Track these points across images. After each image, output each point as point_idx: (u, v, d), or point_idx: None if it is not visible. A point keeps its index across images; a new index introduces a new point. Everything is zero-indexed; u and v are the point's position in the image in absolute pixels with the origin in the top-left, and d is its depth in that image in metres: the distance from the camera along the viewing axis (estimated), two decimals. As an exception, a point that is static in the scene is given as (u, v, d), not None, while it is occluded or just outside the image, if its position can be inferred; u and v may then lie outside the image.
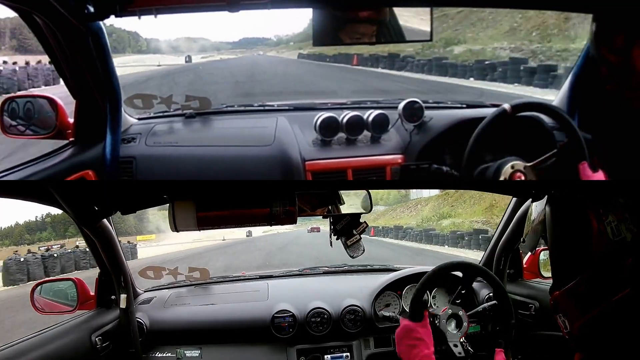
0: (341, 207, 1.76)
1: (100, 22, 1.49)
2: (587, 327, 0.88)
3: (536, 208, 1.08)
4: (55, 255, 19.39)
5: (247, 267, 14.21)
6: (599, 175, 1.65)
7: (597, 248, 0.85)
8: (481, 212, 25.39)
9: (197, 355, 1.97)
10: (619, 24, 1.04)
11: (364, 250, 1.74)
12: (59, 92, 1.90)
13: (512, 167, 1.68)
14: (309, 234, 34.37)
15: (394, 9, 1.49)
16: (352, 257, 1.75)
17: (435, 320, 1.82)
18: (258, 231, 39.18)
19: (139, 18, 1.33)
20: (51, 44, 1.49)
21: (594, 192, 0.88)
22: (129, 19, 1.36)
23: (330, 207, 1.73)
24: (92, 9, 1.39)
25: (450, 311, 1.82)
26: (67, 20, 1.38)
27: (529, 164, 1.69)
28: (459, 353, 1.75)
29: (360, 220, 1.73)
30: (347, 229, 1.73)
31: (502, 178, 1.68)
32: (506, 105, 1.71)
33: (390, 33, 1.51)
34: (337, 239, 1.74)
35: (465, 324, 1.82)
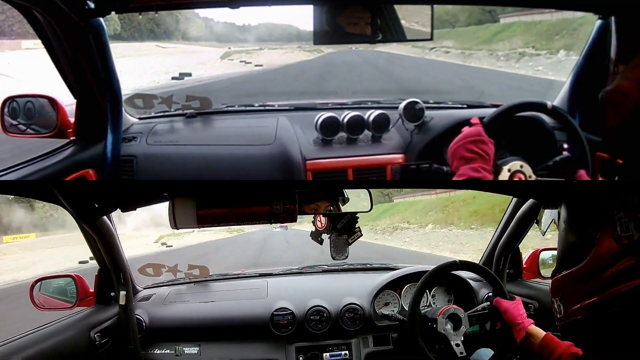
0: (341, 206, 1.77)
1: (101, 19, 1.49)
2: (584, 313, 0.90)
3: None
4: None
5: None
6: (600, 176, 1.66)
7: (603, 238, 0.88)
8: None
9: (196, 352, 1.97)
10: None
11: (347, 256, 1.78)
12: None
13: (513, 167, 1.68)
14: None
15: (395, 7, 1.49)
16: (334, 258, 1.78)
17: (434, 324, 1.82)
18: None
19: (140, 14, 1.33)
20: (52, 41, 1.49)
21: (595, 192, 0.89)
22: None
23: (330, 206, 1.74)
24: (92, 5, 1.39)
25: (449, 310, 1.83)
26: (68, 17, 1.38)
27: (529, 163, 1.69)
28: (461, 353, 1.75)
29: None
30: (349, 227, 1.74)
31: (502, 178, 1.67)
32: (506, 105, 1.70)
33: (390, 32, 1.51)
34: (337, 236, 1.75)
35: (464, 323, 1.83)
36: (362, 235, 1.79)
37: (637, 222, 0.83)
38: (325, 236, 1.80)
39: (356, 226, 1.78)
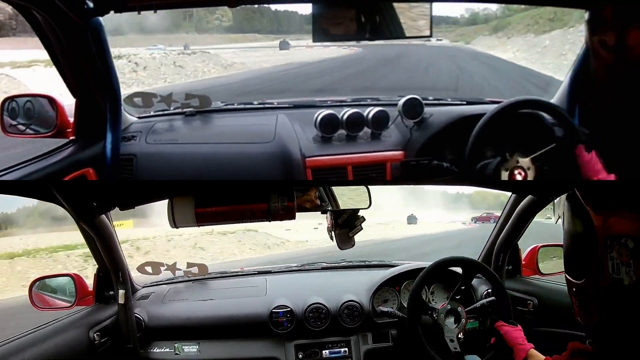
0: (340, 203, 1.78)
1: (100, 18, 1.49)
2: (603, 325, 0.87)
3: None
4: None
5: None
6: (600, 174, 1.66)
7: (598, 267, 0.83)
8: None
9: (195, 350, 1.97)
10: (612, 19, 1.04)
11: (354, 244, 1.78)
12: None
13: (512, 163, 1.69)
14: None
15: (394, 4, 1.49)
16: (342, 249, 1.78)
17: (434, 314, 1.83)
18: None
19: (139, 13, 1.33)
20: (51, 40, 1.49)
21: (596, 191, 0.88)
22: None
23: (329, 203, 1.74)
24: (91, 5, 1.39)
25: (449, 307, 1.84)
26: (67, 16, 1.38)
27: (528, 160, 1.70)
28: (454, 348, 1.77)
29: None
30: (348, 222, 1.74)
31: (501, 174, 1.68)
32: (505, 102, 1.71)
33: (390, 29, 1.51)
34: (340, 230, 1.75)
35: (463, 319, 1.84)
36: (362, 229, 1.79)
37: (629, 267, 0.78)
38: (333, 232, 1.81)
39: (357, 221, 1.77)
